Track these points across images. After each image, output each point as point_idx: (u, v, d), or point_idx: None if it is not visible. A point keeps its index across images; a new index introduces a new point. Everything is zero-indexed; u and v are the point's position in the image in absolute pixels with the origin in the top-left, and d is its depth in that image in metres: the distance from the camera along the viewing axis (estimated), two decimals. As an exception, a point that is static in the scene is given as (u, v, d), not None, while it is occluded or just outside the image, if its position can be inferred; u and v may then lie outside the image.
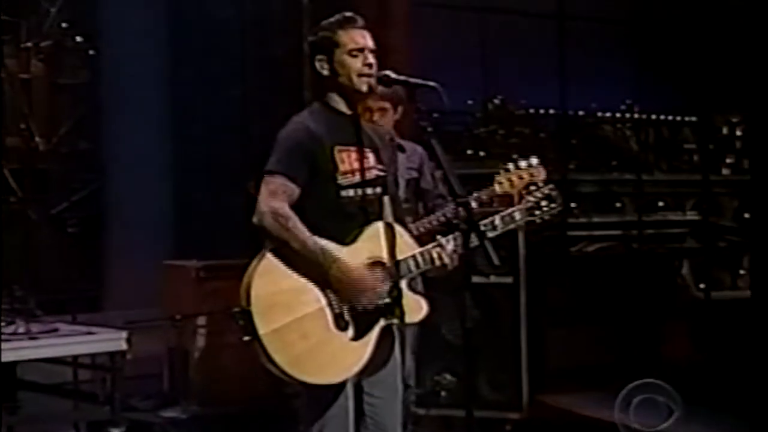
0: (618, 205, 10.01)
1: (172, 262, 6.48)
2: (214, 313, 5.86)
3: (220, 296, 5.80)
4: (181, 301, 6.07)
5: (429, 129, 3.08)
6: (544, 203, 3.45)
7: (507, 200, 5.02)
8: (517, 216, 3.39)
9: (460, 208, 3.04)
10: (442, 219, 4.31)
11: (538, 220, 3.44)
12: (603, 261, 7.99)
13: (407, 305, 3.17)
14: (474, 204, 4.15)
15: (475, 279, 5.46)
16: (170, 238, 7.59)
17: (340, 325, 3.08)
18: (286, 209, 3.07)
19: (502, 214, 3.36)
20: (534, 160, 4.10)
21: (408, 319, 3.18)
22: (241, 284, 3.07)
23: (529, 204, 3.43)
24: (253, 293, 3.04)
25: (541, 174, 4.12)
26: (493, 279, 5.64)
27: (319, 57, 3.22)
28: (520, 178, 4.14)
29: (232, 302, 3.17)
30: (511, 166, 4.12)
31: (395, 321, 3.17)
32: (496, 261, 2.96)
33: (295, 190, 3.11)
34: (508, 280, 5.69)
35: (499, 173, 4.16)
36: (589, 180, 9.91)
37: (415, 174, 4.53)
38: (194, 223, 7.61)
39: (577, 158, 10.05)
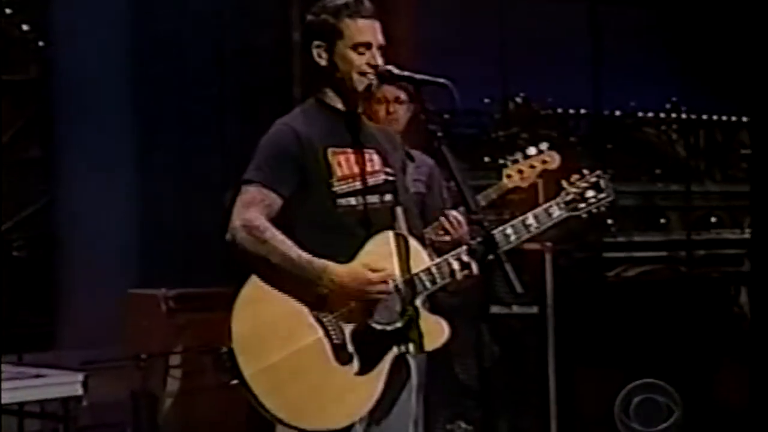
0: (663, 221, 10.03)
1: (137, 291, 6.50)
2: (188, 351, 5.87)
3: (195, 331, 5.82)
4: (148, 336, 6.08)
5: (439, 133, 3.09)
6: (590, 194, 3.37)
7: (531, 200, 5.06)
8: (555, 212, 3.33)
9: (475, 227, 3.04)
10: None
11: (583, 215, 3.36)
12: (645, 288, 7.95)
13: (425, 328, 3.16)
14: (483, 203, 4.21)
15: (494, 309, 5.48)
16: (135, 262, 7.60)
17: (342, 358, 3.08)
18: (262, 220, 3.08)
19: (536, 211, 3.32)
20: (544, 146, 4.18)
21: (429, 345, 3.16)
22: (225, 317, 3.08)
23: (570, 196, 3.36)
24: (234, 328, 3.05)
25: (555, 160, 4.22)
26: (515, 309, 5.65)
27: (317, 43, 3.24)
28: (532, 167, 4.26)
29: (208, 337, 3.19)
30: (519, 155, 4.20)
31: (411, 348, 3.15)
32: (518, 288, 2.94)
33: (276, 201, 3.13)
34: (533, 310, 5.70)
35: (506, 165, 4.23)
36: (629, 192, 9.92)
37: (422, 188, 4.55)
38: (163, 244, 7.62)
39: (614, 166, 10.04)
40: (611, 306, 6.79)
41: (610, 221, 9.29)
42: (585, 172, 3.42)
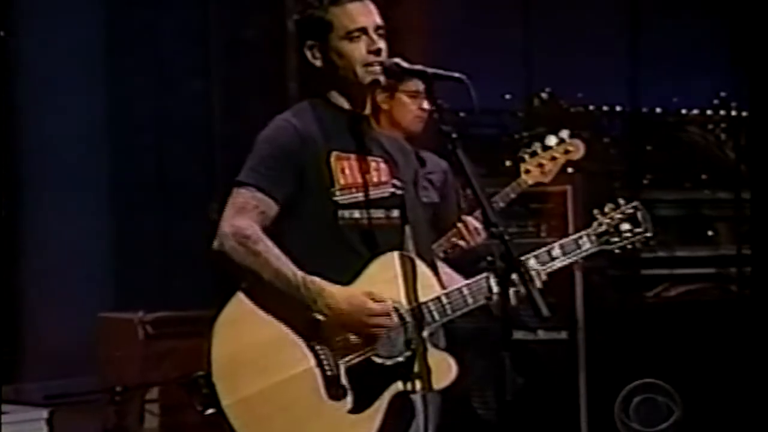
0: (710, 233, 10.01)
1: (110, 315, 6.52)
2: (169, 383, 5.88)
3: (176, 359, 5.83)
4: (123, 366, 6.10)
5: (453, 135, 3.10)
6: (625, 227, 3.42)
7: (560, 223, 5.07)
8: (585, 244, 3.38)
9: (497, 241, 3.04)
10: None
11: (616, 251, 3.42)
12: (690, 309, 7.96)
13: (431, 365, 3.17)
14: (501, 204, 4.24)
15: (518, 335, 5.49)
16: (108, 282, 7.62)
17: (335, 392, 3.09)
18: (255, 229, 3.10)
19: (563, 241, 3.36)
20: (565, 134, 4.21)
21: (434, 384, 3.17)
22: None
23: (603, 228, 3.41)
24: (214, 350, 3.07)
25: (579, 149, 4.25)
26: (541, 335, 5.68)
27: (309, 43, 3.27)
28: (553, 159, 4.29)
29: (191, 367, 3.20)
30: (537, 146, 4.23)
31: (417, 387, 3.16)
32: (545, 311, 2.94)
33: (272, 207, 3.15)
34: (562, 335, 5.73)
35: (524, 159, 4.26)
36: (671, 200, 9.90)
37: (435, 197, 4.57)
38: (140, 262, 7.64)
39: (654, 171, 10.06)
40: (650, 330, 6.80)
41: (649, 234, 9.29)
42: (621, 201, 3.47)
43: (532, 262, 3.30)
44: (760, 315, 6.92)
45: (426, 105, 4.43)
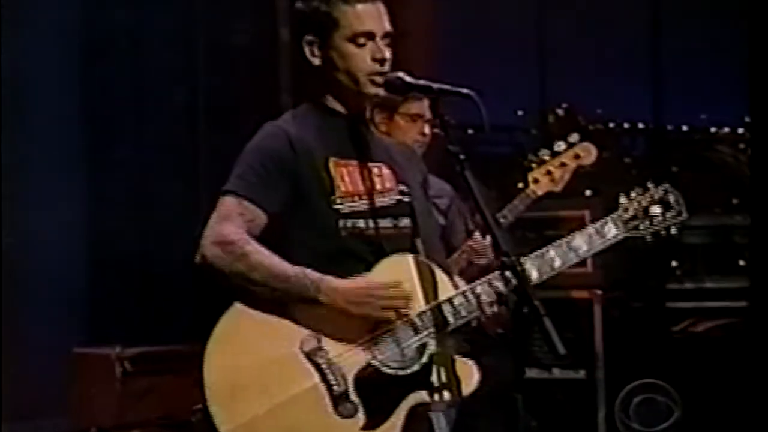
0: (741, 263, 10.01)
1: (84, 350, 6.50)
2: (148, 425, 5.87)
3: (156, 398, 5.81)
4: (98, 406, 6.08)
5: (461, 155, 3.11)
6: (655, 211, 3.42)
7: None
8: (611, 231, 3.38)
9: (507, 272, 3.04)
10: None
11: (648, 237, 3.40)
12: (719, 345, 7.97)
13: (450, 372, 3.16)
14: (510, 218, 4.24)
15: (531, 373, 5.48)
16: (82, 314, 7.60)
17: (344, 409, 3.10)
18: (240, 234, 3.13)
19: (586, 230, 3.35)
20: (575, 137, 4.22)
21: (456, 393, 3.16)
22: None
23: (630, 212, 3.41)
24: (206, 375, 3.08)
25: (591, 153, 4.27)
26: (557, 373, 5.67)
27: (308, 38, 3.28)
28: (562, 165, 4.29)
29: (172, 406, 3.20)
30: (545, 153, 4.24)
31: (438, 395, 3.15)
32: (561, 348, 2.94)
33: (260, 216, 3.18)
34: (579, 374, 5.71)
35: (531, 168, 4.26)
36: (698, 226, 9.90)
37: (440, 220, 4.58)
38: (117, 291, 7.62)
39: (680, 194, 10.05)
40: (677, 369, 6.79)
41: (675, 263, 9.28)
42: (650, 185, 3.46)
43: (551, 254, 3.30)
44: (760, 317, 6.99)
45: (427, 130, 4.46)
